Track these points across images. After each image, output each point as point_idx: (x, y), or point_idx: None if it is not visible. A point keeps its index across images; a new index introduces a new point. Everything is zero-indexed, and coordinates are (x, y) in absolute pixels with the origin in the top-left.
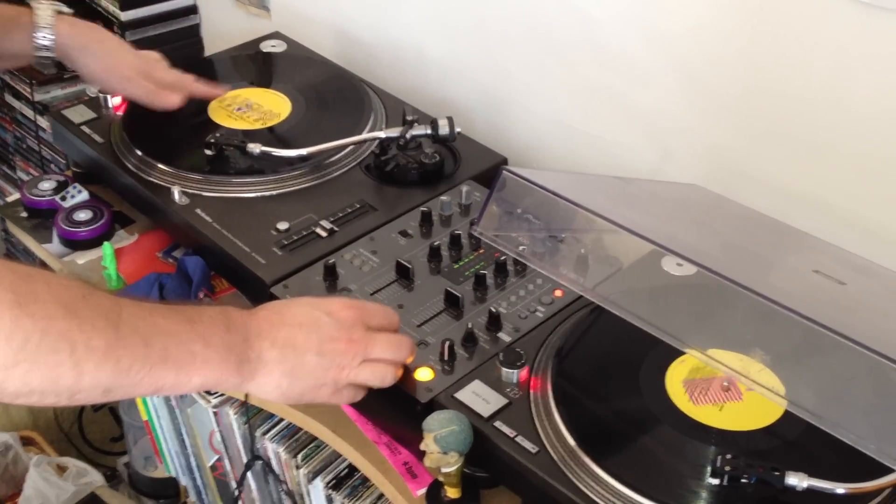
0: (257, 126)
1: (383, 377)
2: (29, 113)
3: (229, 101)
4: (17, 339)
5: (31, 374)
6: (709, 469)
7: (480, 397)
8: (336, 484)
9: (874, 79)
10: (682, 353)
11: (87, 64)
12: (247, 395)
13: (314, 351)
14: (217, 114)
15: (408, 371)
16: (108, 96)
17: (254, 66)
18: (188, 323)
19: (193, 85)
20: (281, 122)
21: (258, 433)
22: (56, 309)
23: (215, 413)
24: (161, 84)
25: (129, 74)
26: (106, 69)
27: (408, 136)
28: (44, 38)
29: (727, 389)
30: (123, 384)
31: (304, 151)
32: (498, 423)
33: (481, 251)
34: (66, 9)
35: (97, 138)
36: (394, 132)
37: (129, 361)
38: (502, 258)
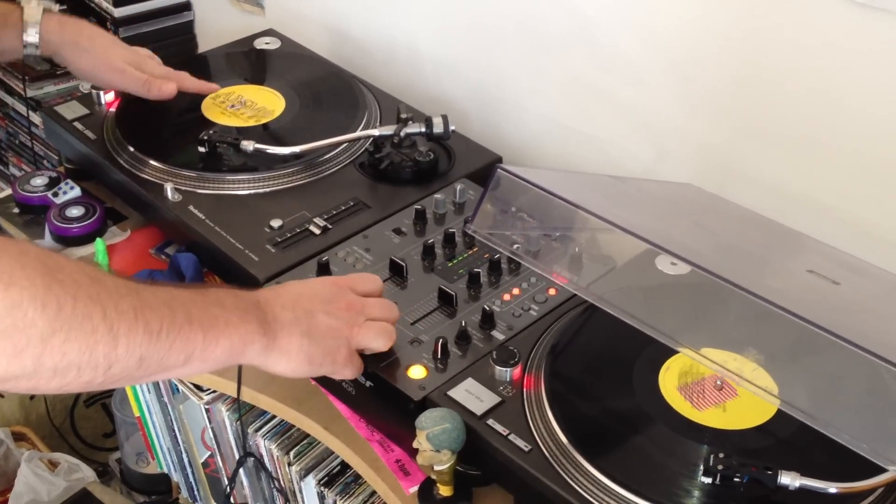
0: (251, 123)
1: (388, 334)
2: (21, 109)
3: (223, 98)
4: (52, 306)
5: (68, 343)
6: (701, 468)
7: (473, 395)
8: (328, 481)
9: (868, 78)
10: (676, 352)
11: (77, 60)
12: (239, 392)
13: (322, 311)
14: (210, 111)
15: (400, 368)
16: (101, 92)
17: (248, 63)
18: (199, 293)
19: (186, 79)
20: (275, 120)
21: (250, 430)
22: (82, 277)
23: (207, 409)
24: (154, 76)
25: (121, 67)
26: (97, 64)
27: (402, 133)
28: (31, 36)
29: (721, 388)
30: (156, 351)
31: (297, 149)
32: (491, 422)
33: (475, 249)
34: (54, 7)
35: (90, 135)
36: (388, 130)
37: (157, 324)
38: (496, 256)
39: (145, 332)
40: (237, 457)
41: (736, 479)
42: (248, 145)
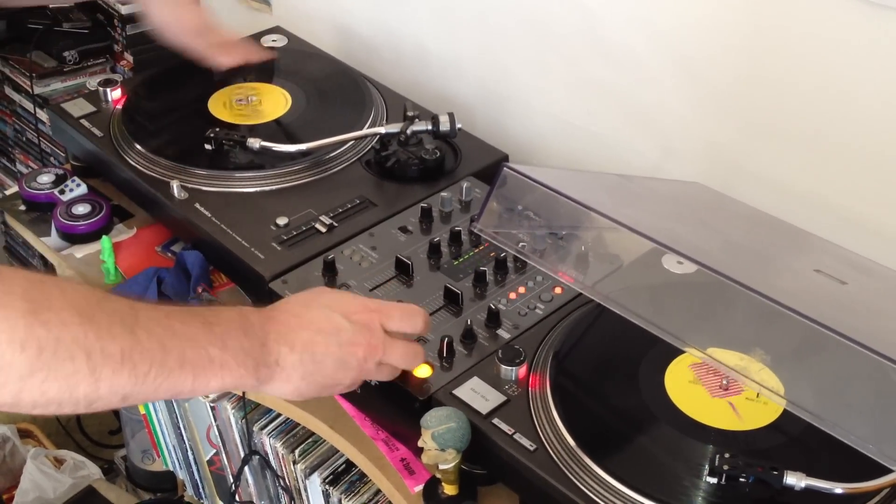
0: (257, 121)
1: (391, 375)
2: (29, 106)
3: (229, 96)
4: (32, 347)
5: (47, 383)
6: (707, 468)
7: (479, 394)
8: (333, 479)
9: (876, 77)
10: (682, 352)
11: (158, 12)
12: (244, 391)
13: (334, 356)
14: (217, 108)
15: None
16: (108, 90)
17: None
18: (205, 326)
19: (247, 48)
20: (281, 117)
21: (255, 428)
22: (70, 315)
23: (213, 407)
24: (218, 43)
25: (192, 27)
26: (173, 17)
27: (408, 131)
28: None
29: (727, 388)
30: (142, 390)
31: (304, 146)
32: (496, 421)
33: (481, 248)
34: None
35: (96, 132)
36: (394, 128)
37: (146, 367)
38: (502, 255)
39: (131, 375)
40: (242, 455)
41: (742, 480)
42: (255, 143)
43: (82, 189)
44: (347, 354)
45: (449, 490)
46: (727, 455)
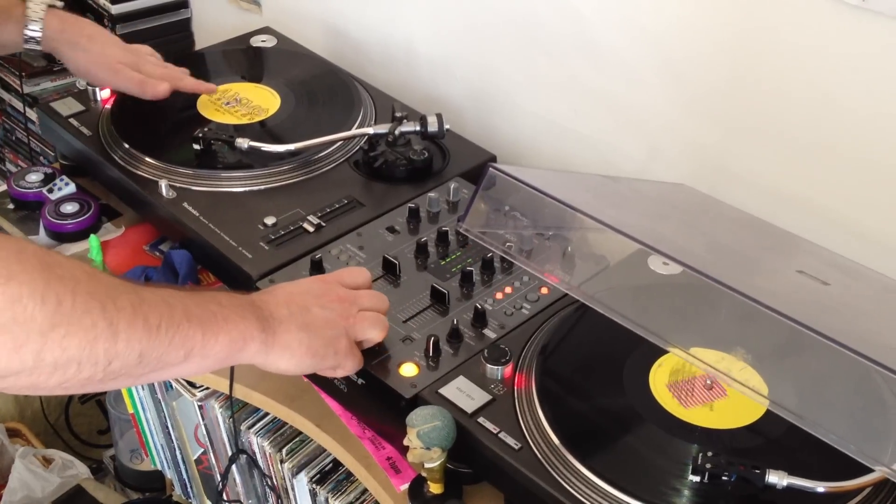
0: (246, 121)
1: (381, 324)
2: (18, 105)
3: (219, 96)
4: (51, 300)
5: (67, 338)
6: (690, 466)
7: (464, 393)
8: (320, 478)
9: (860, 79)
10: (666, 352)
11: (75, 58)
12: (231, 389)
13: (316, 305)
14: (206, 108)
15: (392, 366)
16: (97, 89)
17: (244, 60)
18: (195, 292)
19: (183, 79)
20: (270, 117)
21: (243, 427)
22: (80, 273)
23: (200, 406)
24: (150, 76)
25: (116, 67)
26: (93, 62)
27: (397, 132)
28: (33, 31)
29: (710, 388)
30: (156, 347)
31: (292, 147)
32: (481, 420)
33: (468, 248)
34: (58, 3)
35: (85, 131)
36: (383, 128)
37: (156, 319)
38: (489, 255)
39: (144, 328)
40: (230, 454)
41: (724, 478)
42: (243, 143)
43: (71, 188)
44: (326, 303)
45: (434, 489)
46: (710, 454)
